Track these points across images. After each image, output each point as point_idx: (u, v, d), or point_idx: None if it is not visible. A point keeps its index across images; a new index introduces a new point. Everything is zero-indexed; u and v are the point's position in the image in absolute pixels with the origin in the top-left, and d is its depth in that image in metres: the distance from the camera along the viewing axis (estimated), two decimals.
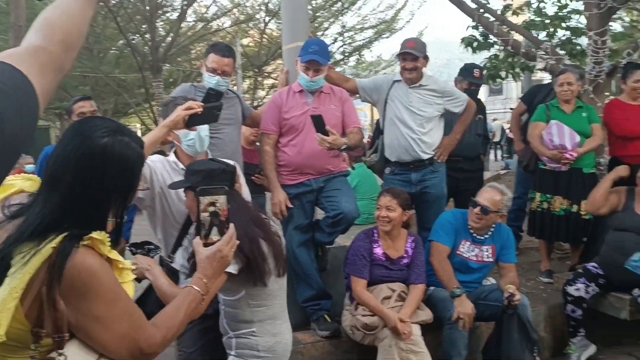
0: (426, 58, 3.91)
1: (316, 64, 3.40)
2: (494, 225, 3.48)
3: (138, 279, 2.10)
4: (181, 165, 2.61)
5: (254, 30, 18.66)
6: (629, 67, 4.68)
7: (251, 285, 2.16)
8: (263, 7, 17.02)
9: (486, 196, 3.40)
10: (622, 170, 3.92)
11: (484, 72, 6.86)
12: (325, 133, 3.20)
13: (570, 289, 3.59)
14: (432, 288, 3.44)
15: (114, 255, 1.31)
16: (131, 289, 1.37)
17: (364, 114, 24.10)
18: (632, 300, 3.55)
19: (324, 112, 3.42)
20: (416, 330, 3.12)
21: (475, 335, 3.54)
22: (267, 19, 17.08)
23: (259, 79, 19.72)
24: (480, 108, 4.98)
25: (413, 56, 3.81)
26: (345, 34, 19.66)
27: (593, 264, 3.72)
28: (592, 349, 3.68)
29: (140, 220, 3.44)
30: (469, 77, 4.77)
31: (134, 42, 14.57)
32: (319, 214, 3.73)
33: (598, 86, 5.13)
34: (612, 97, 5.64)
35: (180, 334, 1.58)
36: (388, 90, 3.93)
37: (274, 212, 3.51)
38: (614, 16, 17.07)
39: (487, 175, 7.16)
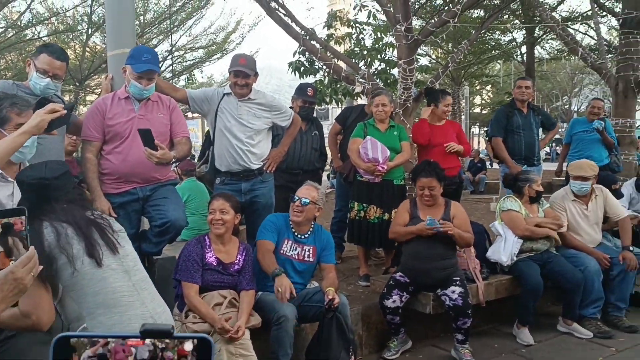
0: (256, 75, 4.06)
1: (152, 73, 3.37)
2: (313, 225, 3.72)
3: None
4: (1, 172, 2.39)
5: (76, 42, 17.52)
6: (439, 92, 5.34)
7: (60, 275, 2.04)
8: (85, 19, 16.09)
9: (304, 191, 3.67)
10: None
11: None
12: (154, 147, 3.16)
13: (388, 303, 3.91)
14: (260, 293, 3.54)
15: None
16: None
17: (195, 135, 23.79)
18: (434, 296, 4.00)
19: (151, 120, 3.39)
20: (246, 334, 3.19)
21: (301, 337, 3.70)
22: (90, 30, 16.15)
23: (81, 93, 18.52)
24: (317, 125, 5.32)
25: (245, 74, 3.94)
26: (175, 53, 19.34)
27: (400, 273, 4.10)
28: (409, 344, 4.12)
29: None
30: (303, 96, 5.08)
31: None
32: (147, 224, 3.65)
33: (407, 109, 5.74)
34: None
35: None
36: (218, 102, 4.01)
37: None
38: (424, 52, 18.95)
39: None
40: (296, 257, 3.68)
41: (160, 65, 3.82)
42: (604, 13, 11.51)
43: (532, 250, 4.43)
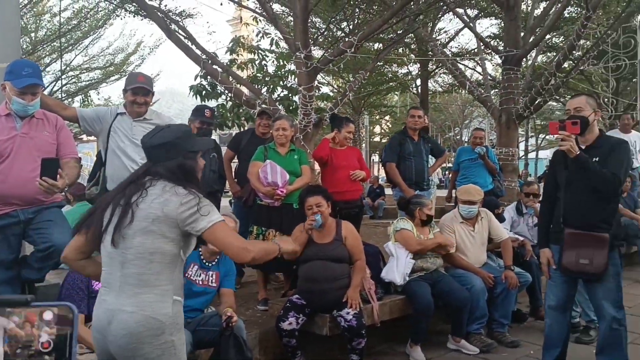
0: (153, 94, 3.98)
1: (36, 87, 3.20)
2: (220, 252, 3.66)
3: None
4: None
5: None
6: (344, 119, 5.50)
7: None
8: None
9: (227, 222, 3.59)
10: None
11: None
12: (55, 177, 2.98)
13: (284, 325, 3.90)
14: None
15: None
16: None
17: (90, 159, 22.70)
18: (330, 317, 4.05)
19: (35, 139, 3.24)
20: None
21: None
22: None
23: None
24: (216, 147, 5.26)
25: (146, 90, 3.84)
26: (70, 73, 18.55)
27: (297, 295, 4.12)
28: None
29: None
30: (200, 117, 5.01)
31: None
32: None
33: (307, 134, 5.86)
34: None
35: None
36: (111, 121, 3.87)
37: None
38: (325, 82, 19.50)
39: None
40: (200, 283, 3.60)
41: (53, 84, 3.65)
42: (489, 51, 12.45)
43: (423, 270, 4.62)
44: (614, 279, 3.51)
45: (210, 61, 6.79)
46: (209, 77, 9.16)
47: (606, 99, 11.91)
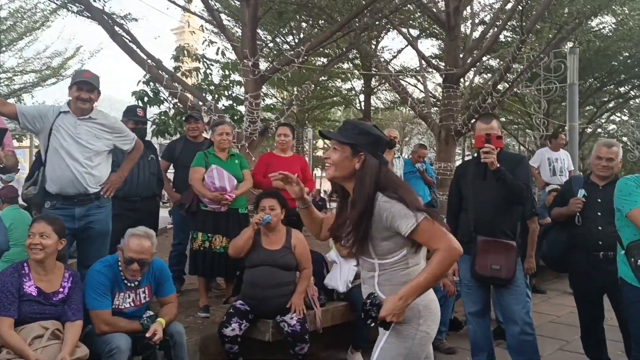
0: (99, 92, 3.88)
1: None
2: None
3: None
4: None
5: None
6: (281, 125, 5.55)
7: (410, 245, 2.19)
8: None
9: (136, 249, 3.37)
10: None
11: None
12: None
13: (227, 331, 3.87)
14: (90, 326, 3.33)
15: None
16: None
17: (22, 166, 21.70)
18: (274, 323, 4.06)
19: None
20: None
21: None
22: None
23: None
24: (152, 149, 5.16)
25: (91, 86, 3.75)
26: (2, 75, 17.82)
27: (240, 301, 4.10)
28: None
29: None
30: (133, 117, 4.90)
31: None
32: None
33: (252, 142, 5.87)
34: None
35: None
36: (54, 119, 3.74)
37: None
38: (271, 94, 19.52)
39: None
40: (131, 305, 3.49)
41: None
42: (430, 69, 12.88)
43: None
44: (522, 283, 3.76)
45: (155, 65, 6.70)
46: (151, 83, 9.02)
47: (538, 120, 12.54)
